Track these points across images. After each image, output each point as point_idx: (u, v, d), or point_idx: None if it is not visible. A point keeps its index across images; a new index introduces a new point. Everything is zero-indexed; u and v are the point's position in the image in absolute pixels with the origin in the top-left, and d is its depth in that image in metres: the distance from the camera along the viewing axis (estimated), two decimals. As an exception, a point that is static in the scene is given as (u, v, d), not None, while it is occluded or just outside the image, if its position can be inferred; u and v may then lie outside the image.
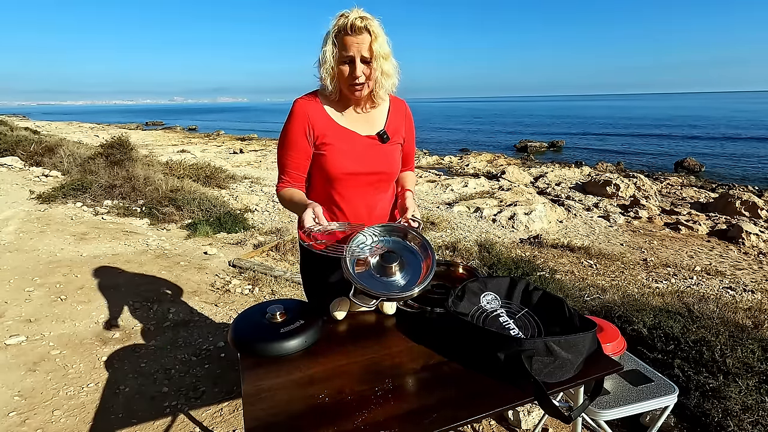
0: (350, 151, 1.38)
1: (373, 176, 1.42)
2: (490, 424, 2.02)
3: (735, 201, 7.83)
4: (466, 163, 14.39)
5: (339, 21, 1.25)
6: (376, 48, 1.26)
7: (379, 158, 1.42)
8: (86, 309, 3.06)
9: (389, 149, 1.44)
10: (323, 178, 1.41)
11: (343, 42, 1.25)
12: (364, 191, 1.44)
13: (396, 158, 1.48)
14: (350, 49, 1.25)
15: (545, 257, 5.08)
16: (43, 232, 4.62)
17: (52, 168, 7.91)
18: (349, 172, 1.38)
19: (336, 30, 1.25)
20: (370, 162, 1.40)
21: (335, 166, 1.37)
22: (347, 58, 1.27)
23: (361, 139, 1.40)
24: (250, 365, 1.14)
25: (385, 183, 1.47)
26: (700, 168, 15.09)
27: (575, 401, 1.20)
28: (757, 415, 1.77)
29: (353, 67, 1.27)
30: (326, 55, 1.27)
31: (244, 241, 4.95)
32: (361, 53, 1.26)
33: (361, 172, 1.40)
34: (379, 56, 1.27)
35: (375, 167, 1.41)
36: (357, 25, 1.22)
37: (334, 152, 1.36)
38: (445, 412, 0.95)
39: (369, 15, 1.25)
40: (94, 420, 2.03)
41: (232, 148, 17.82)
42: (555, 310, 1.21)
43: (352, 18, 1.22)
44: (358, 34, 1.24)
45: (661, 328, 2.27)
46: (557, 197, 9.06)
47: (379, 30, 1.26)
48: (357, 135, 1.39)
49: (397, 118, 1.47)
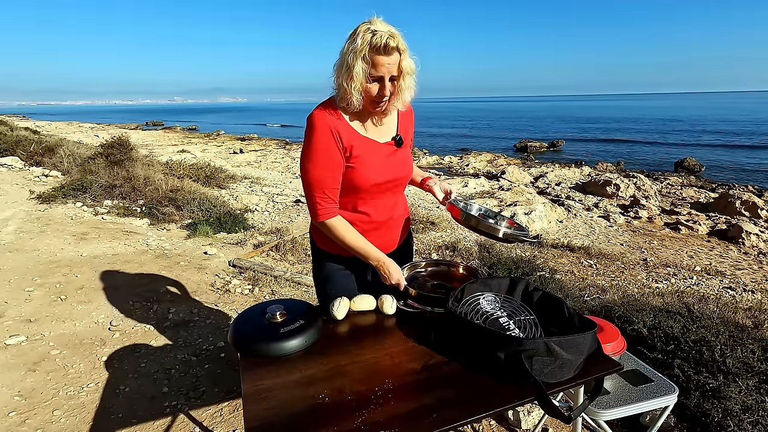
0: (376, 162, 1.40)
1: (395, 182, 1.47)
2: (490, 424, 2.02)
3: (735, 201, 7.83)
4: (466, 163, 14.39)
5: (370, 39, 1.20)
6: (404, 66, 1.27)
7: (399, 164, 1.46)
8: (86, 309, 3.06)
9: (405, 153, 1.49)
10: (348, 189, 1.41)
11: (375, 61, 1.23)
12: (385, 196, 1.48)
13: (411, 160, 1.54)
14: (381, 69, 1.24)
15: (545, 257, 5.08)
16: (43, 232, 4.62)
17: (52, 168, 7.90)
18: (376, 183, 1.41)
19: (368, 48, 1.21)
20: (393, 170, 1.44)
21: (365, 179, 1.38)
22: (377, 77, 1.26)
23: (382, 148, 1.42)
24: (250, 365, 1.14)
25: (403, 186, 1.54)
26: (700, 168, 15.09)
27: (575, 401, 1.20)
28: (757, 415, 1.77)
29: (382, 85, 1.27)
30: (357, 73, 1.23)
31: (244, 241, 4.95)
32: (391, 73, 1.26)
33: (385, 181, 1.43)
34: (406, 74, 1.29)
35: (397, 174, 1.46)
36: (390, 45, 1.21)
37: (363, 165, 1.37)
38: (445, 412, 0.95)
39: (396, 31, 1.24)
40: (94, 420, 2.03)
41: (232, 148, 17.82)
42: (555, 311, 1.21)
43: (384, 38, 1.20)
44: (390, 55, 1.23)
45: (661, 328, 2.27)
46: (557, 197, 9.06)
47: (405, 46, 1.26)
48: (378, 144, 1.41)
49: (406, 120, 1.51)
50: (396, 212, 1.55)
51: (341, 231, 1.39)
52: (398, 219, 1.57)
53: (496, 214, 1.62)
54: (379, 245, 1.47)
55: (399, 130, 1.46)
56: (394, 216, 1.54)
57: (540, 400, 0.98)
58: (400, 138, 1.45)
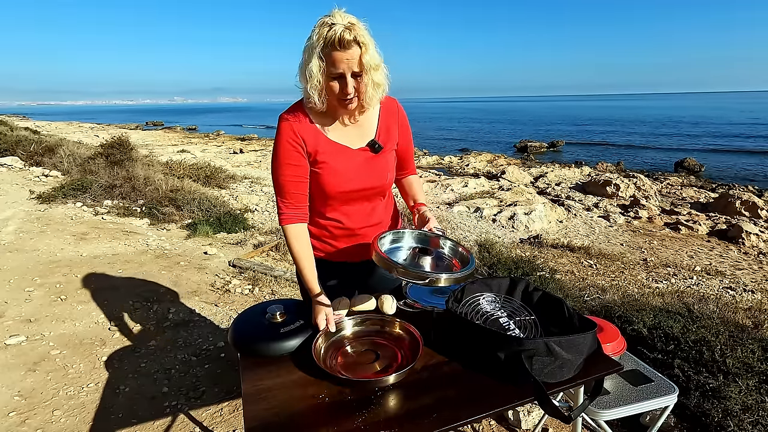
0: (345, 169, 1.31)
1: (369, 191, 1.38)
2: (490, 424, 2.02)
3: (735, 201, 7.83)
4: (466, 163, 14.39)
5: (324, 32, 1.11)
6: (366, 60, 1.16)
7: (374, 172, 1.35)
8: (86, 309, 3.06)
9: (383, 160, 1.37)
10: (317, 194, 1.36)
11: (331, 58, 1.13)
12: (360, 203, 1.40)
13: (390, 167, 1.41)
14: (339, 65, 1.14)
15: (545, 257, 5.08)
16: (43, 232, 4.62)
17: (52, 168, 7.91)
18: (345, 191, 1.34)
19: (322, 44, 1.12)
20: (365, 178, 1.34)
21: (331, 186, 1.31)
22: (336, 75, 1.16)
23: (354, 154, 1.32)
24: (250, 365, 1.14)
25: (381, 194, 1.44)
26: (700, 168, 15.09)
27: (575, 401, 1.20)
28: (757, 415, 1.77)
29: (343, 83, 1.17)
30: (312, 71, 1.15)
31: (244, 241, 4.95)
32: (352, 69, 1.15)
33: (356, 189, 1.35)
34: (369, 69, 1.18)
35: (370, 182, 1.36)
36: (346, 39, 1.10)
37: (328, 171, 1.30)
38: (445, 412, 0.95)
39: (355, 21, 1.13)
40: (94, 420, 2.03)
41: (232, 148, 17.84)
42: (555, 311, 1.21)
43: (339, 31, 1.09)
44: (347, 49, 1.12)
45: (661, 328, 2.27)
46: (557, 197, 9.06)
47: (368, 39, 1.15)
48: (349, 150, 1.32)
49: (389, 121, 1.38)
50: (373, 219, 1.44)
51: (292, 241, 1.32)
52: (377, 226, 1.45)
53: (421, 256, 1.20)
54: (351, 252, 1.43)
55: (378, 134, 1.35)
56: (371, 223, 1.44)
57: (540, 400, 0.98)
58: (377, 143, 1.34)
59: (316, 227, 1.42)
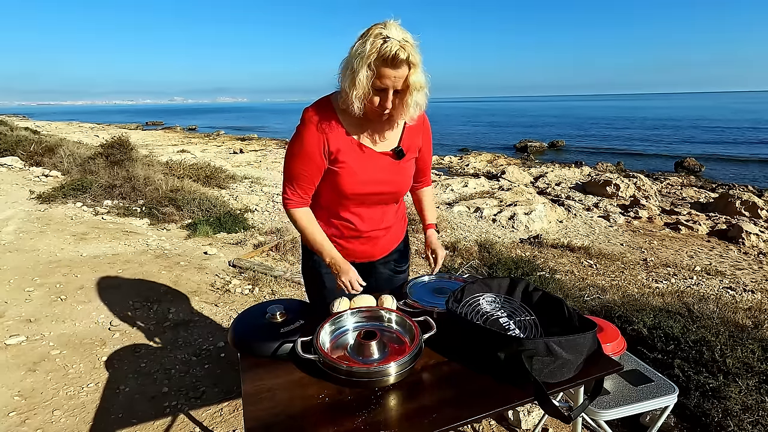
0: (365, 171, 1.32)
1: (385, 195, 1.41)
2: (490, 424, 2.02)
3: (735, 201, 7.83)
4: (466, 163, 14.39)
5: (378, 45, 1.11)
6: (412, 81, 1.17)
7: (393, 177, 1.38)
8: (86, 309, 3.06)
9: (404, 166, 1.39)
10: (333, 193, 1.36)
11: (381, 72, 1.14)
12: (373, 206, 1.42)
13: (409, 174, 1.44)
14: (386, 81, 1.16)
15: (545, 257, 5.08)
16: (43, 232, 4.62)
17: (52, 168, 7.91)
18: (362, 192, 1.35)
19: (375, 56, 1.12)
20: (384, 182, 1.37)
21: (348, 186, 1.33)
22: (381, 89, 1.18)
23: (377, 157, 1.33)
24: (250, 365, 1.14)
25: (396, 199, 1.47)
26: (700, 168, 15.09)
27: (575, 401, 1.20)
28: (757, 415, 1.77)
29: (385, 96, 1.19)
30: (361, 81, 1.15)
31: (244, 241, 4.95)
32: (396, 86, 1.17)
33: (373, 192, 1.37)
34: (413, 89, 1.19)
35: (387, 187, 1.38)
36: (399, 58, 1.11)
37: (348, 171, 1.31)
38: (445, 412, 0.95)
39: (409, 38, 1.14)
40: (94, 420, 2.03)
41: (232, 148, 17.83)
42: (555, 311, 1.21)
43: (394, 49, 1.10)
44: (398, 68, 1.14)
45: (661, 328, 2.27)
46: (557, 197, 9.06)
47: (418, 59, 1.16)
48: (372, 152, 1.33)
49: (414, 130, 1.40)
50: (384, 223, 1.47)
51: (303, 222, 1.38)
52: (386, 230, 1.49)
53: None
54: (360, 252, 1.45)
55: (403, 141, 1.37)
56: (380, 227, 1.46)
57: (540, 400, 0.98)
58: (401, 150, 1.35)
59: (328, 226, 1.44)
